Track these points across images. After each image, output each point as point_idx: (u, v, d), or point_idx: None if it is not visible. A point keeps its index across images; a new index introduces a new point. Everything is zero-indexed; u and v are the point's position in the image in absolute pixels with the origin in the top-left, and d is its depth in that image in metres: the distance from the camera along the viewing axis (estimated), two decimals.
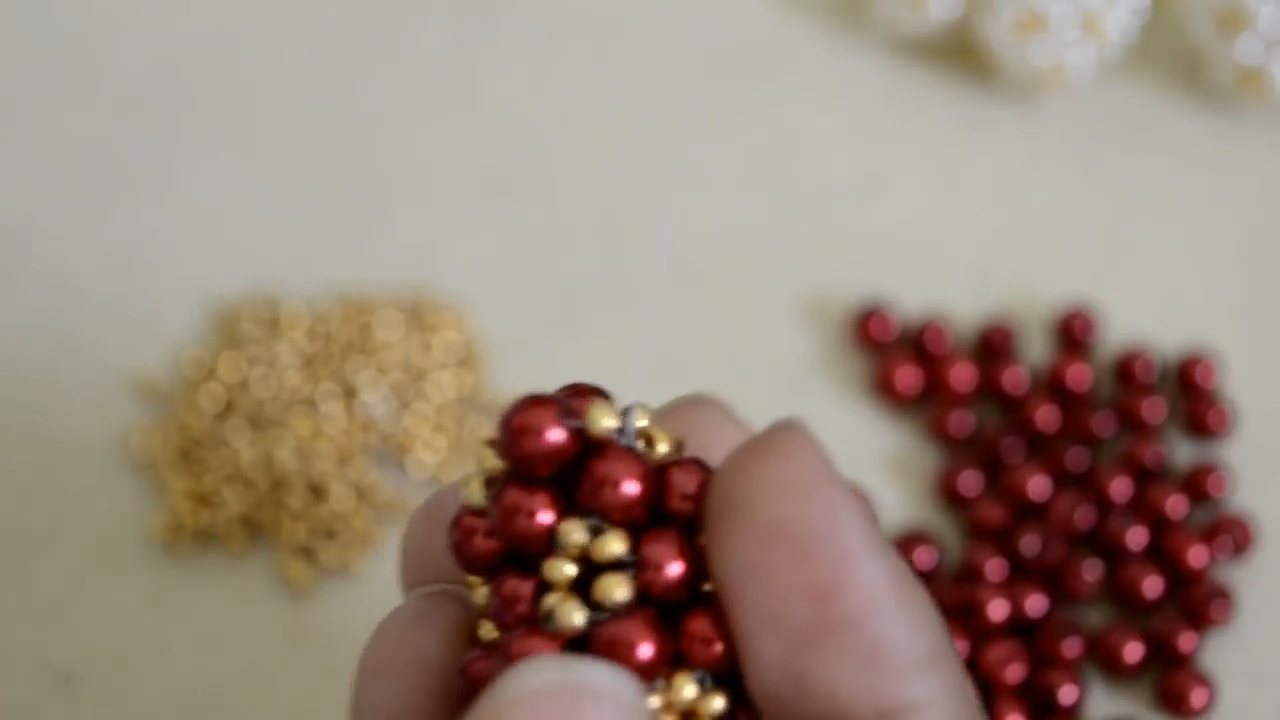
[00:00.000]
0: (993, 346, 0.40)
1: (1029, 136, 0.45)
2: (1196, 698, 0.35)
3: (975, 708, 0.19)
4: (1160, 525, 0.37)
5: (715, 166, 0.44)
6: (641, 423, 0.21)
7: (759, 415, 0.40)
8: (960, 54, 0.46)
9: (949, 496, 0.38)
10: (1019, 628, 0.36)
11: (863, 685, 0.19)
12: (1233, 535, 0.37)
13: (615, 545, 0.19)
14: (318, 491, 0.38)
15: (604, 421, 0.20)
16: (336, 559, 0.37)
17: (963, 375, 0.39)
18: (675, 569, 0.20)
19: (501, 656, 0.19)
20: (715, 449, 0.22)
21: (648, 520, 0.20)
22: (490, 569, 0.21)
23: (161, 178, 0.44)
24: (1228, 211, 0.43)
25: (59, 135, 0.45)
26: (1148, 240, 0.43)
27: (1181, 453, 0.39)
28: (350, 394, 0.39)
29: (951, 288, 0.42)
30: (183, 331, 0.41)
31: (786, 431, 0.20)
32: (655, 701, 0.19)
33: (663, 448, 0.21)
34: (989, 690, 0.35)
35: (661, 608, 0.20)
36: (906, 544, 0.37)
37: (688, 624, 0.20)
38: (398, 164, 0.44)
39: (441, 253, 0.43)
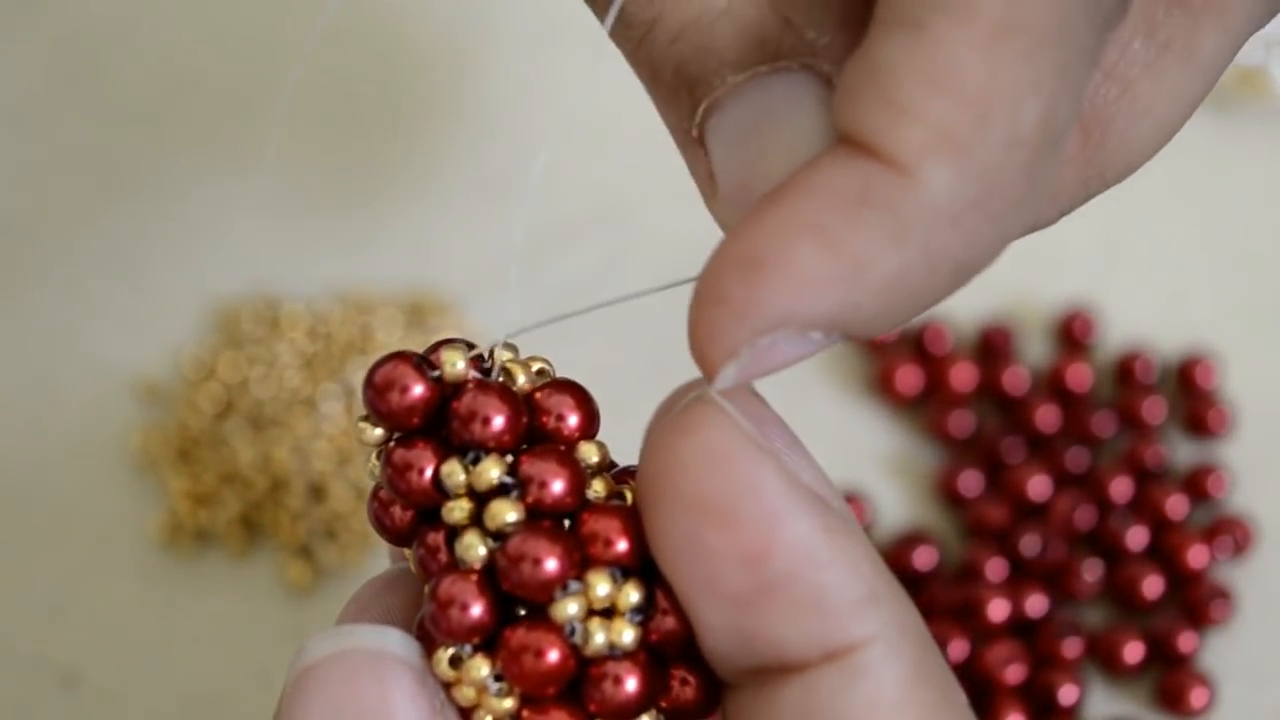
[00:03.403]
0: (993, 346, 0.40)
1: None
2: (1196, 697, 0.35)
3: (919, 634, 0.20)
4: (1160, 525, 0.37)
5: None
6: (506, 356, 0.21)
7: None
8: None
9: (949, 496, 0.38)
10: (1019, 628, 0.36)
11: (808, 632, 0.19)
12: (1233, 535, 0.37)
13: (492, 471, 0.20)
14: (317, 491, 0.38)
15: (457, 364, 0.21)
16: (336, 559, 0.37)
17: (963, 375, 0.39)
18: (558, 484, 0.20)
19: (431, 605, 0.20)
20: None
21: (526, 445, 0.21)
22: (411, 535, 0.21)
23: (161, 178, 0.44)
24: (1228, 211, 0.43)
25: (59, 135, 0.45)
26: (1148, 240, 0.43)
27: (1181, 453, 0.39)
28: (350, 394, 0.39)
29: None
30: (183, 331, 0.41)
31: (700, 408, 0.20)
32: (573, 607, 0.20)
33: (522, 379, 0.21)
34: (989, 690, 0.35)
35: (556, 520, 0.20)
36: (906, 544, 0.37)
37: (586, 527, 0.20)
38: (398, 164, 0.44)
39: (441, 253, 0.43)
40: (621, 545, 0.20)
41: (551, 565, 0.19)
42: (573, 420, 0.21)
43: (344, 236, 0.43)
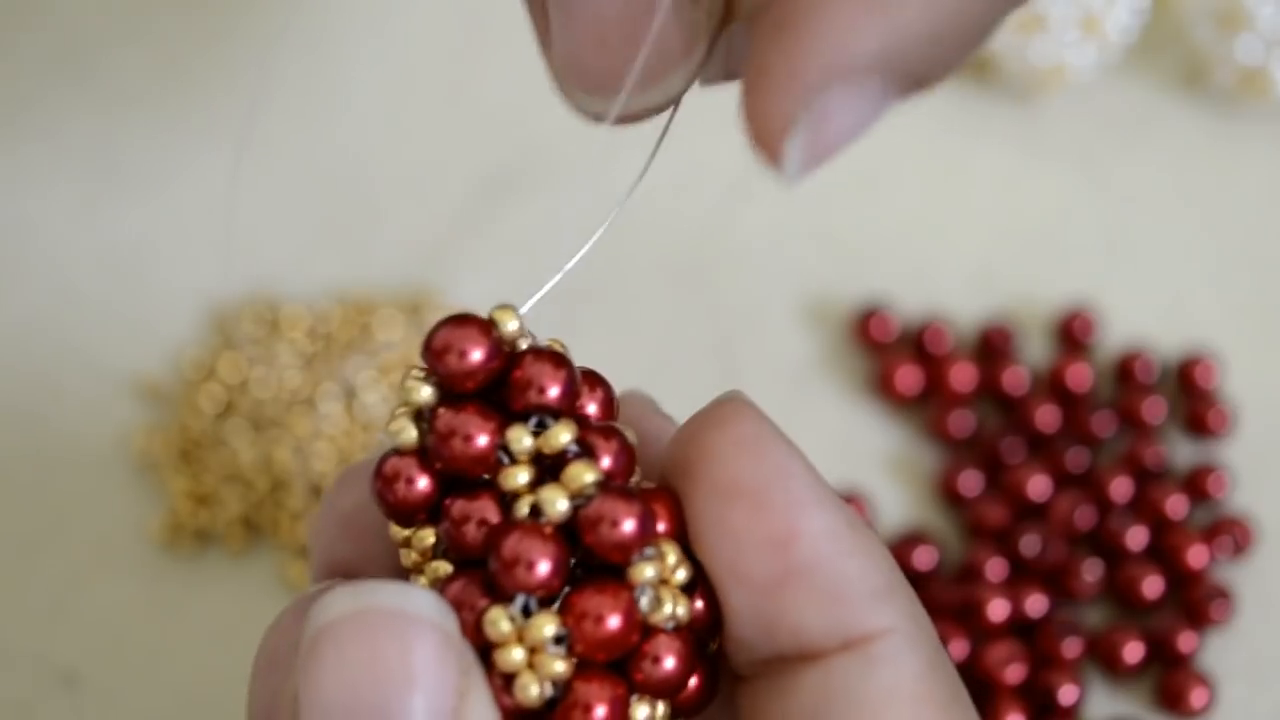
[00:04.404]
0: (993, 346, 0.40)
1: (1029, 136, 0.45)
2: (1196, 698, 0.35)
3: (930, 632, 0.21)
4: (1160, 525, 0.37)
5: (715, 166, 0.44)
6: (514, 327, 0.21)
7: None
8: None
9: (949, 496, 0.38)
10: (1019, 628, 0.36)
11: (828, 620, 0.20)
12: (1233, 535, 0.37)
13: (563, 435, 0.20)
14: (318, 492, 0.38)
15: (510, 324, 0.21)
16: None
17: (963, 375, 0.39)
18: (616, 458, 0.20)
19: (498, 562, 0.19)
20: (640, 433, 0.23)
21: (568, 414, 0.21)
22: (424, 511, 0.21)
23: (161, 178, 0.44)
24: (1228, 212, 0.43)
25: (59, 135, 0.45)
26: (1148, 240, 0.43)
27: (1181, 453, 0.39)
28: (350, 394, 0.39)
29: (951, 288, 0.42)
30: (183, 331, 0.41)
31: (732, 401, 0.21)
32: (650, 571, 0.20)
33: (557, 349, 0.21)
34: (989, 690, 0.35)
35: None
36: (906, 544, 0.37)
37: (649, 504, 0.20)
38: (398, 163, 0.44)
39: (441, 253, 0.43)
40: (661, 526, 0.20)
41: (631, 526, 0.19)
42: (593, 405, 0.21)
43: (344, 236, 0.43)
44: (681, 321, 0.41)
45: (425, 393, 0.20)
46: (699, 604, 0.20)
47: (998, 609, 0.36)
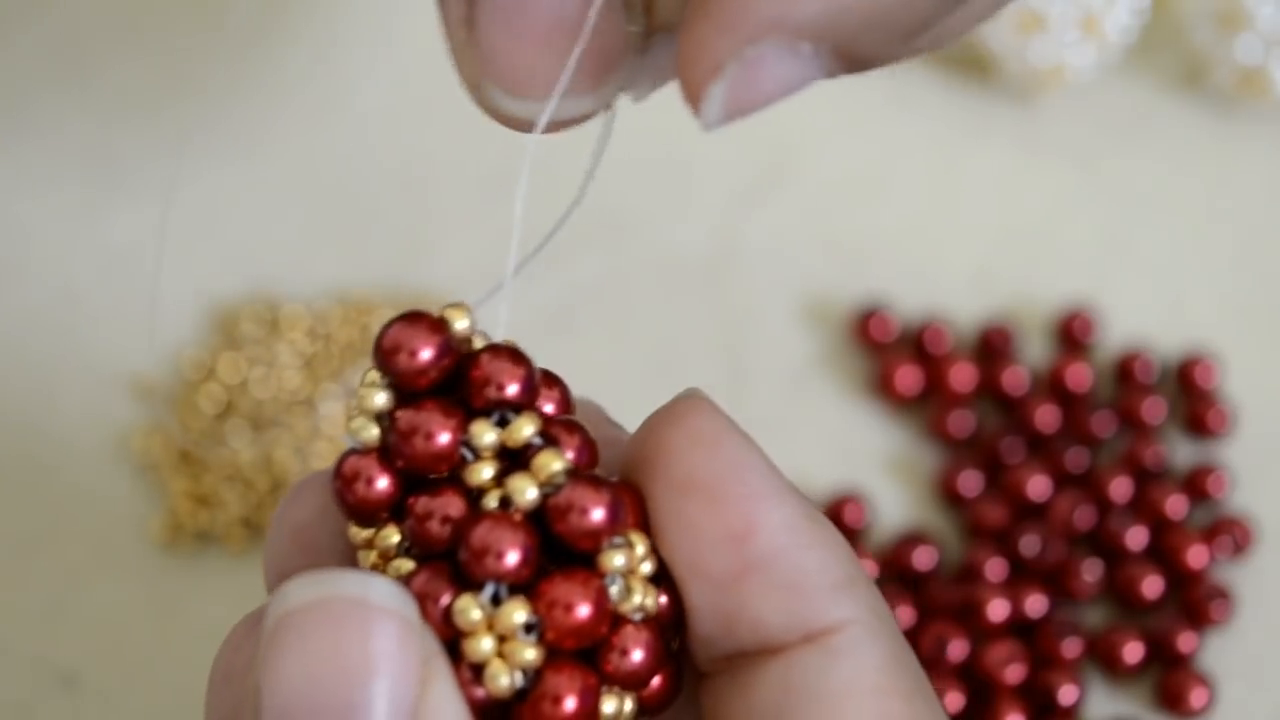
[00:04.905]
0: (993, 346, 0.40)
1: (1029, 136, 0.45)
2: (1196, 698, 0.35)
3: (892, 624, 0.20)
4: (1160, 525, 0.37)
5: (715, 166, 0.44)
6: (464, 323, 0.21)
7: (759, 415, 0.40)
8: (960, 54, 0.46)
9: (949, 496, 0.38)
10: (1019, 628, 0.36)
11: (787, 613, 0.20)
12: (1233, 535, 0.37)
13: (526, 429, 0.20)
14: None
15: (460, 323, 0.21)
16: None
17: (963, 375, 0.39)
18: (581, 450, 0.20)
19: (467, 552, 0.19)
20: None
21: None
22: (385, 510, 0.20)
23: (161, 178, 0.44)
24: (1228, 211, 0.43)
25: (59, 135, 0.45)
26: (1148, 240, 0.43)
27: (1181, 453, 0.39)
28: (351, 394, 0.39)
29: (951, 288, 0.42)
30: (183, 332, 0.41)
31: (690, 398, 0.21)
32: (620, 559, 0.20)
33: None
34: (989, 690, 0.35)
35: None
36: (906, 544, 0.37)
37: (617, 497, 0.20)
38: (397, 163, 0.44)
39: (441, 253, 0.43)
40: (628, 520, 0.20)
41: (600, 515, 0.19)
42: (550, 405, 0.21)
43: (344, 236, 0.43)
44: (681, 322, 0.41)
45: (381, 399, 0.20)
46: (663, 599, 0.20)
47: (998, 609, 0.36)
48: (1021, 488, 0.38)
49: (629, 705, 0.20)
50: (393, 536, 0.20)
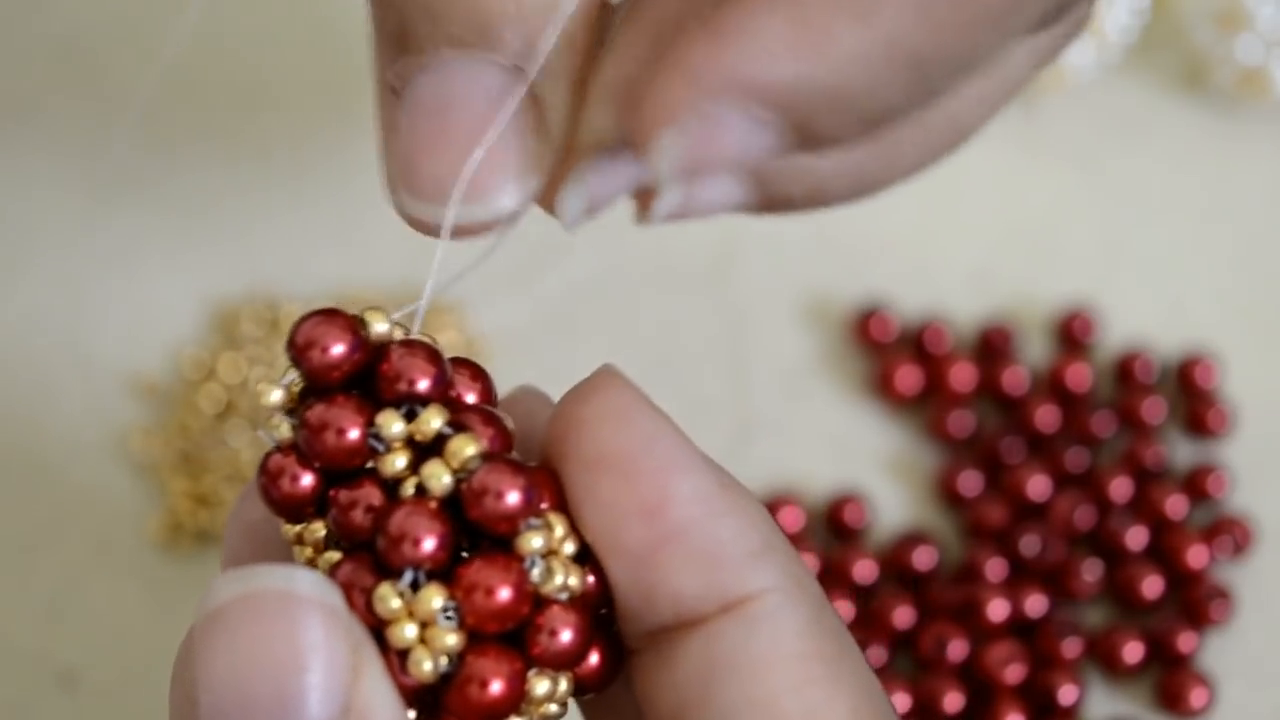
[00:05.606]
0: (993, 346, 0.40)
1: (1029, 136, 0.45)
2: (1196, 698, 0.35)
3: (813, 588, 0.20)
4: (1160, 525, 0.37)
5: None
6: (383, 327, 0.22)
7: (759, 415, 0.40)
8: None
9: (949, 496, 0.38)
10: (1019, 628, 0.36)
11: (704, 584, 0.20)
12: (1233, 535, 0.37)
13: (434, 420, 0.20)
14: None
15: (379, 325, 0.21)
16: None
17: (963, 375, 0.39)
18: (488, 440, 0.20)
19: (384, 540, 0.19)
20: (534, 428, 0.23)
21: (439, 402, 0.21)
22: (310, 505, 0.21)
23: (161, 178, 0.44)
24: (1228, 211, 0.43)
25: (59, 135, 0.45)
26: (1148, 240, 0.43)
27: (1181, 453, 0.39)
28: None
29: (951, 288, 0.42)
30: (183, 331, 0.41)
31: (602, 374, 0.21)
32: (538, 541, 0.20)
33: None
34: (989, 690, 0.35)
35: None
36: (906, 544, 0.37)
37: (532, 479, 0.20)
38: None
39: (441, 253, 0.42)
40: (544, 505, 0.20)
41: (515, 498, 0.19)
42: (472, 396, 0.22)
43: (344, 236, 0.43)
44: (682, 321, 0.41)
45: (275, 396, 0.21)
46: (590, 579, 0.20)
47: (997, 609, 0.36)
48: (1021, 488, 0.38)
49: (564, 685, 0.20)
50: (320, 530, 0.21)
